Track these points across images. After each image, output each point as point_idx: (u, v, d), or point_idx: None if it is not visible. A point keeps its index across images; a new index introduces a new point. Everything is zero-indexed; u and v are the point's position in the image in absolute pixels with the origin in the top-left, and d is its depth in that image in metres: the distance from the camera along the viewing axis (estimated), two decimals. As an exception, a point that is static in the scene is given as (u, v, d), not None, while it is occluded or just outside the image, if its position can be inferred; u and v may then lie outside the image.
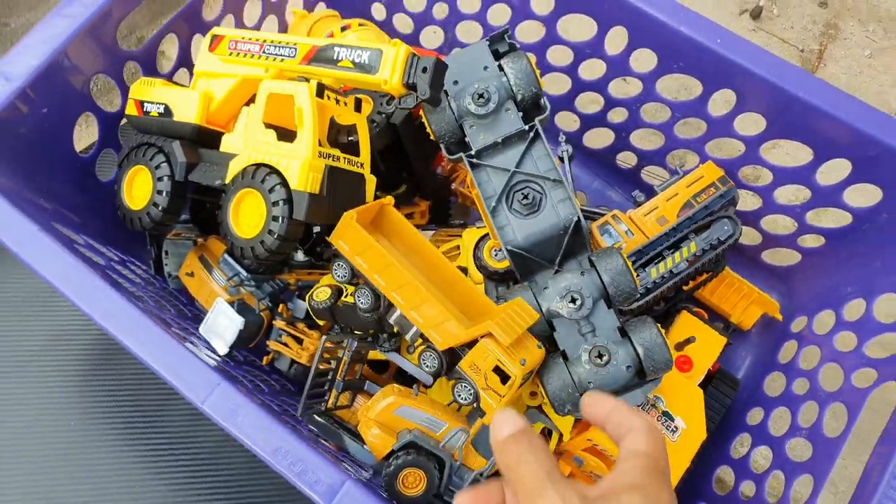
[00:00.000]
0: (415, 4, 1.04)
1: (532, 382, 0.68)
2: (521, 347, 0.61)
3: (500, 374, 0.60)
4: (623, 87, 0.94)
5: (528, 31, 0.96)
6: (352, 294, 0.70)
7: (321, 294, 0.74)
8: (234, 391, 0.60)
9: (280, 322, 0.80)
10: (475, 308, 0.66)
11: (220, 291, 0.81)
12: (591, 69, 0.94)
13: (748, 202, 0.93)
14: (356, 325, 0.74)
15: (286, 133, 0.70)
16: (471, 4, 0.98)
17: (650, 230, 0.81)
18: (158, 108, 0.78)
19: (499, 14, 0.96)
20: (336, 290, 0.74)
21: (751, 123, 0.85)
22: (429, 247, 0.70)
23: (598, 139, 1.02)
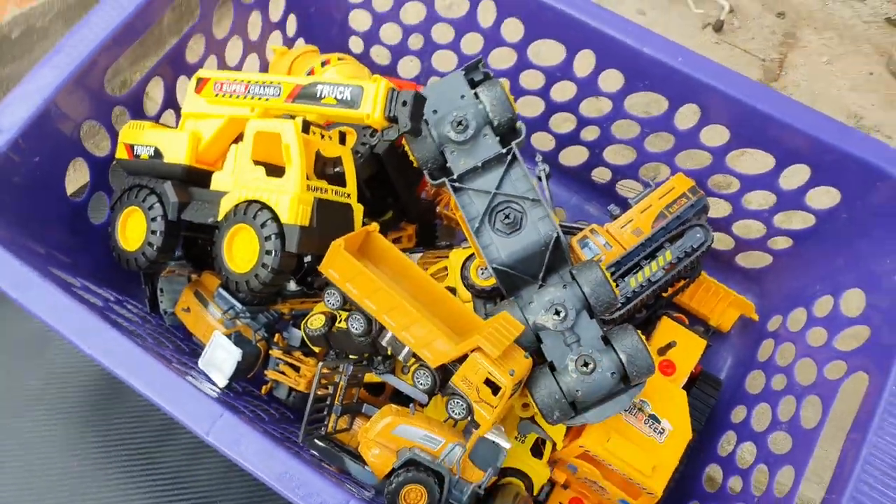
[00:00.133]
0: (391, 36, 1.08)
1: (523, 395, 0.70)
2: (510, 359, 0.63)
3: (491, 386, 0.62)
4: (594, 106, 0.98)
5: (501, 58, 0.99)
6: (345, 320, 0.72)
7: (315, 322, 0.77)
8: (237, 420, 0.62)
9: (277, 351, 0.82)
10: (463, 324, 0.69)
11: (217, 325, 0.83)
12: (563, 91, 0.98)
13: (720, 209, 0.97)
14: (351, 350, 0.76)
15: (274, 168, 0.72)
16: (445, 35, 1.02)
17: (627, 242, 0.85)
18: (148, 151, 0.81)
19: (472, 43, 1.00)
20: (330, 317, 0.76)
21: (716, 135, 0.89)
22: (415, 269, 0.73)
23: (574, 157, 1.06)
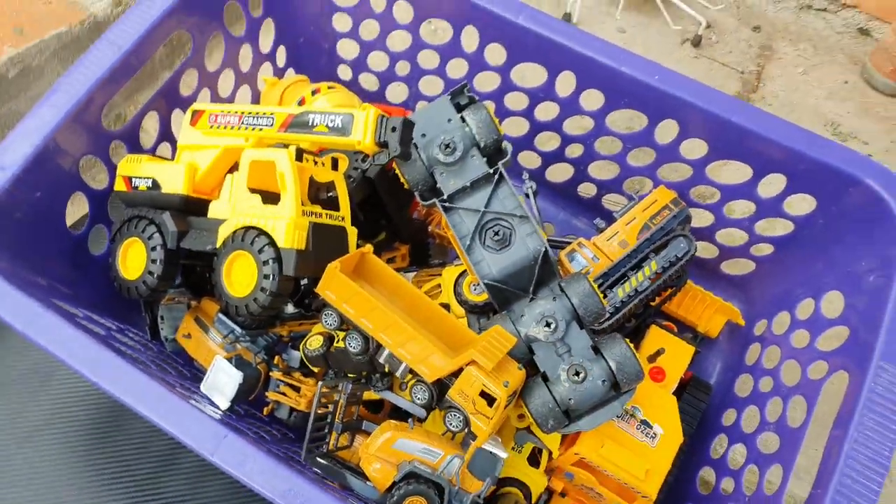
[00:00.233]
0: (378, 64, 1.11)
1: (518, 406, 0.72)
2: (504, 371, 0.66)
3: (487, 398, 0.65)
4: (577, 124, 1.01)
5: (486, 81, 1.02)
6: (342, 339, 0.74)
7: (314, 342, 0.78)
8: (241, 441, 0.63)
9: (277, 373, 0.84)
10: (458, 339, 0.71)
11: (218, 349, 0.84)
12: (546, 111, 1.01)
13: (704, 219, 0.99)
14: (349, 369, 0.78)
15: (270, 196, 0.75)
16: (430, 60, 1.05)
17: (613, 253, 0.88)
18: (146, 182, 0.83)
19: (457, 67, 1.03)
20: (328, 337, 0.78)
21: (695, 148, 0.92)
22: (409, 287, 0.75)
23: (560, 173, 1.09)
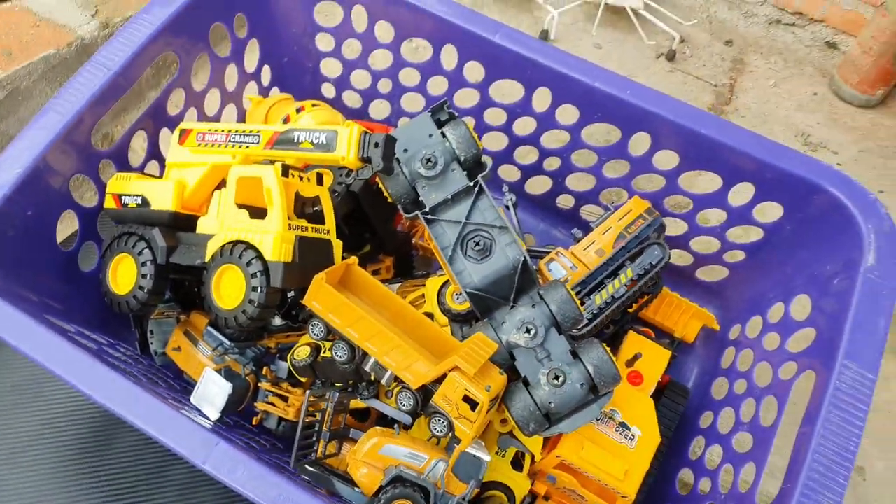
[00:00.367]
0: (361, 82, 1.14)
1: (500, 411, 0.75)
2: (486, 376, 0.68)
3: (470, 403, 0.67)
4: (554, 138, 1.04)
5: (465, 97, 1.05)
6: (329, 349, 0.76)
7: (301, 353, 0.81)
8: (232, 449, 0.65)
9: (265, 384, 0.86)
10: (441, 347, 0.74)
11: (207, 361, 0.86)
12: (524, 125, 1.04)
13: (678, 227, 1.03)
14: (336, 378, 0.80)
15: (257, 210, 0.77)
16: (412, 78, 1.08)
17: (590, 262, 0.91)
18: (136, 200, 0.85)
19: (437, 85, 1.06)
20: (315, 348, 0.80)
21: (667, 159, 0.96)
22: (393, 297, 0.78)
23: (538, 186, 1.12)
